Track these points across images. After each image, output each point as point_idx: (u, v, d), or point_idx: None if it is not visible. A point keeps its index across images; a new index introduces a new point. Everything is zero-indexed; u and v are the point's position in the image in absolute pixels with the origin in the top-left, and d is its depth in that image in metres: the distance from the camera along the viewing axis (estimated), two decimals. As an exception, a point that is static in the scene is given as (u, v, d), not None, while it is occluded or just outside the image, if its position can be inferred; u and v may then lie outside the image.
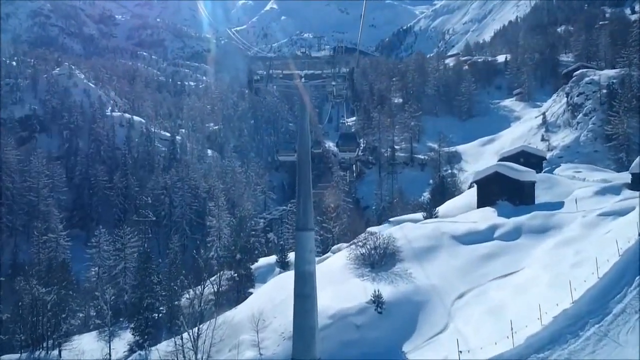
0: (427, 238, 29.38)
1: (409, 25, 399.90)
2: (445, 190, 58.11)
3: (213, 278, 34.78)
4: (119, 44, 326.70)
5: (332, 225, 42.65)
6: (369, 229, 33.57)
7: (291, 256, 40.17)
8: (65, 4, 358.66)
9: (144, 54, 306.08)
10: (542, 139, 75.51)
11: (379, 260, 27.54)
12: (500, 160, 49.83)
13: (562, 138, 72.29)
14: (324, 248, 40.72)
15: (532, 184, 37.34)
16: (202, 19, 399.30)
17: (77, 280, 50.46)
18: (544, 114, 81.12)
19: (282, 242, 56.87)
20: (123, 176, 70.80)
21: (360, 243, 28.77)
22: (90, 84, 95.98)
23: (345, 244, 33.71)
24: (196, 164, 79.10)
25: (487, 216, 32.84)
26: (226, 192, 71.18)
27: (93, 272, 47.51)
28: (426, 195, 78.43)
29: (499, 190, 35.27)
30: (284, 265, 41.09)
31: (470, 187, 51.87)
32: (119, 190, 68.54)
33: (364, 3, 14.49)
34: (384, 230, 32.08)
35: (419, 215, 38.92)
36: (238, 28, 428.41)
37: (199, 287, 25.70)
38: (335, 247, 35.53)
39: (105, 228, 57.08)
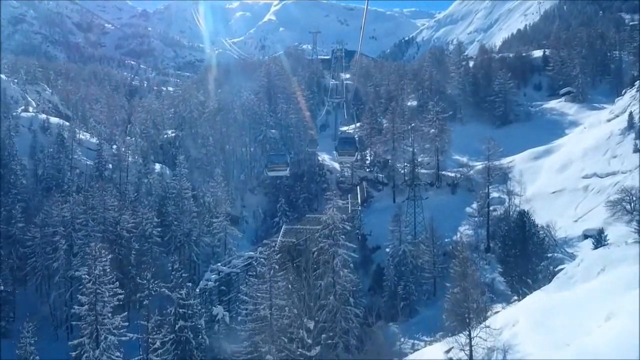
0: None
1: (411, 36, 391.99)
2: (527, 238, 32.79)
3: None
4: (107, 53, 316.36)
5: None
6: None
7: None
8: (51, 10, 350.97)
9: (132, 62, 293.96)
10: (636, 149, 51.48)
11: None
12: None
13: (673, 147, 48.46)
14: None
15: None
16: (197, 30, 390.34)
17: None
18: (630, 114, 56.96)
19: (235, 327, 32.12)
20: (3, 204, 46.00)
21: None
22: (2, 76, 72.19)
23: None
24: (127, 184, 54.58)
25: None
26: (163, 229, 46.64)
27: None
28: (464, 230, 54.26)
29: None
30: None
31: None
32: (-13, 228, 43.62)
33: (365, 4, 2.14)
34: None
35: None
36: (236, 39, 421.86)
37: None
38: None
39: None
